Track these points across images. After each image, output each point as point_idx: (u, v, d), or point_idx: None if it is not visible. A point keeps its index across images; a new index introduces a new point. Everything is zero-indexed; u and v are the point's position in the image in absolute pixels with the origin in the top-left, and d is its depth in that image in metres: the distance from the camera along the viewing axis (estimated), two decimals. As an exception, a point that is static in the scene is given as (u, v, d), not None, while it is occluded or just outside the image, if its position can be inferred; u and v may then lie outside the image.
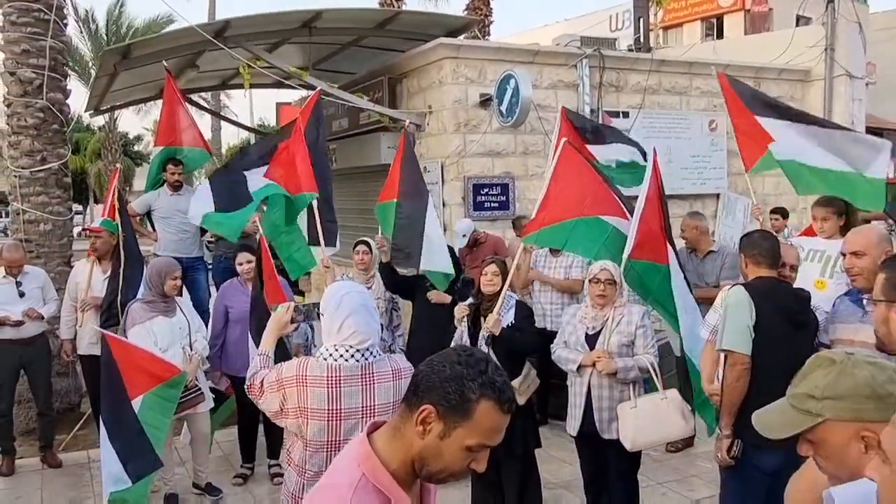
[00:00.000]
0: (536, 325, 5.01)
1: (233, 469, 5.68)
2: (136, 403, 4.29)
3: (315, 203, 5.41)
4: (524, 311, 4.58)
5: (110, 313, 5.49)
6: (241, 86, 8.96)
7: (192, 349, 4.92)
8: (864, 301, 3.35)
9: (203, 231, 7.32)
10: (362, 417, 2.70)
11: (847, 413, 1.50)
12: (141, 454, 4.37)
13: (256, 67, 7.88)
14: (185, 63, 9.01)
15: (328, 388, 2.68)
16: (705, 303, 4.60)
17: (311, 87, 7.19)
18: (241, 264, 5.51)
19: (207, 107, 17.24)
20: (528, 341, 4.46)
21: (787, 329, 3.33)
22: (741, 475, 3.41)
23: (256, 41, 8.14)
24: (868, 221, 4.96)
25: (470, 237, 7.03)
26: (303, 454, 2.73)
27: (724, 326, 3.44)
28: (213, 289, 7.11)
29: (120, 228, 5.74)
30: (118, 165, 7.34)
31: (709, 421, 4.16)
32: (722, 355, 3.52)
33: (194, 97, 10.23)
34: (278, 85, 9.77)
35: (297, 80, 7.99)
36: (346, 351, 2.71)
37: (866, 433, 1.47)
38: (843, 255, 3.47)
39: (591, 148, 5.89)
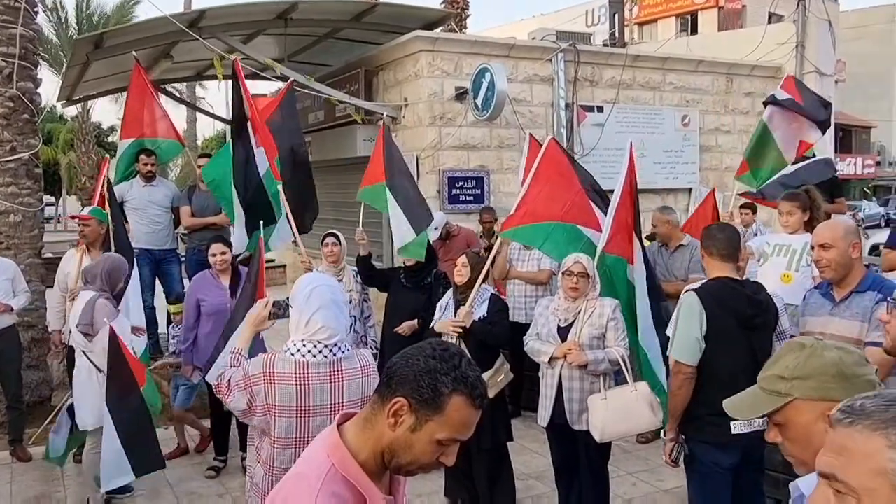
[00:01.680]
0: (511, 318, 5.06)
1: (206, 462, 5.67)
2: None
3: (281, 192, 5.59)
4: (498, 305, 4.62)
5: None
6: (216, 77, 8.89)
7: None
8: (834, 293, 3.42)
9: (177, 223, 7.27)
10: (331, 414, 2.65)
11: (814, 392, 1.54)
12: (148, 446, 4.39)
13: (230, 59, 7.83)
14: (159, 53, 8.93)
15: (296, 384, 2.63)
16: (673, 297, 4.67)
17: (287, 80, 7.17)
18: (213, 255, 5.45)
19: (182, 98, 17.06)
20: (500, 334, 4.50)
21: (740, 333, 3.37)
22: (700, 471, 3.48)
23: (231, 32, 8.09)
24: (829, 216, 5.05)
25: (442, 230, 7.06)
26: (271, 451, 2.68)
27: (673, 333, 3.50)
28: (186, 281, 7.07)
29: (109, 218, 5.68)
30: (107, 155, 7.23)
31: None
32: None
33: (168, 88, 10.11)
34: (254, 77, 9.70)
35: (273, 72, 7.95)
36: (315, 346, 2.66)
37: (831, 412, 1.53)
38: (813, 247, 3.54)
39: None
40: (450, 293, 4.73)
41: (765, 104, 6.34)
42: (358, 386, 2.72)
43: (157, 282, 7.46)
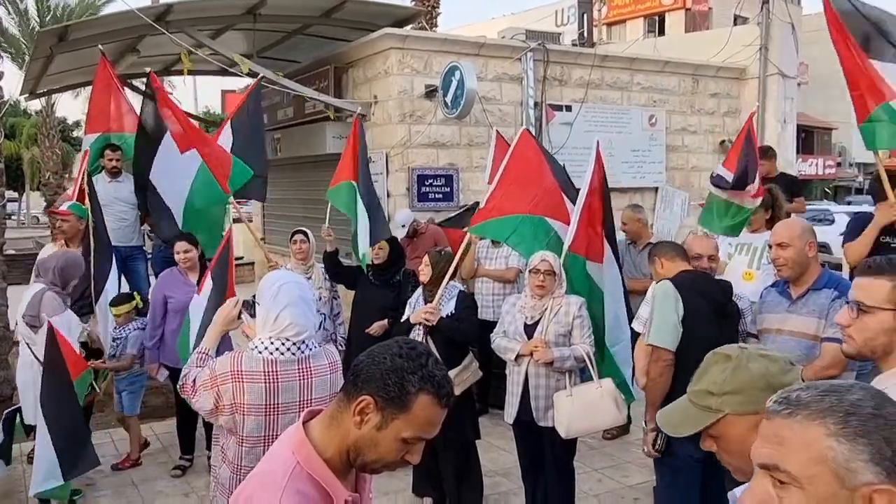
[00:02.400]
0: (479, 315, 5.09)
1: (172, 461, 5.63)
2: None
3: None
4: (466, 302, 4.65)
5: (83, 301, 5.36)
6: (182, 72, 8.79)
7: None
8: (791, 291, 3.51)
9: (143, 219, 7.18)
10: (299, 411, 2.57)
11: (745, 406, 1.55)
12: (79, 446, 4.31)
13: (198, 54, 7.76)
14: (126, 47, 8.79)
15: (265, 382, 2.61)
16: (640, 294, 4.74)
17: (256, 76, 7.12)
18: (178, 253, 5.41)
19: (149, 93, 16.83)
20: (467, 331, 4.53)
21: (713, 320, 3.46)
22: (673, 464, 3.53)
23: (199, 27, 8.00)
24: (789, 215, 5.16)
25: (410, 227, 7.07)
26: (238, 450, 2.65)
27: (650, 321, 3.56)
28: (152, 279, 7.00)
29: (90, 214, 5.59)
30: (87, 149, 7.07)
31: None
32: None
33: (136, 83, 9.96)
34: (222, 72, 9.62)
35: (241, 68, 7.89)
36: (283, 344, 2.64)
37: (767, 404, 1.57)
38: (771, 246, 3.62)
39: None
40: (420, 290, 4.76)
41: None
42: (326, 383, 2.72)
43: (124, 279, 7.37)
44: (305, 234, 5.88)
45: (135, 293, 5.92)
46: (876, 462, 1.03)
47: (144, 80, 6.97)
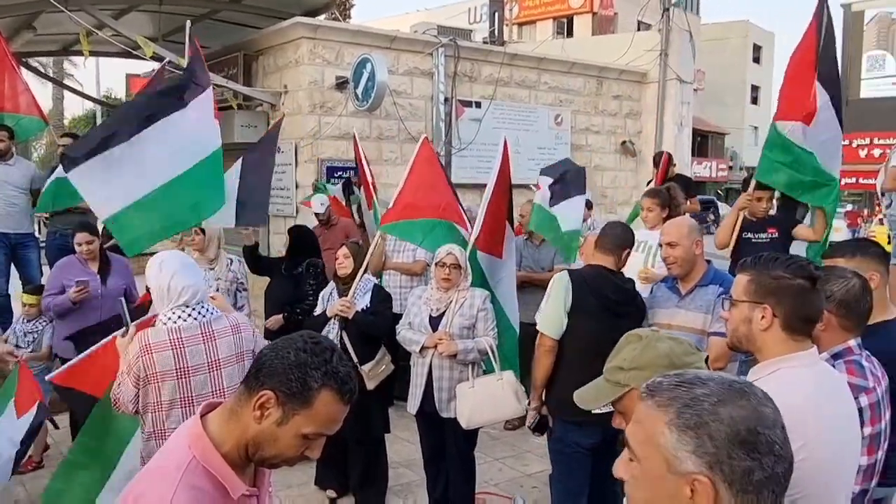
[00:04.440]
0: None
1: (62, 455, 5.42)
2: None
3: None
4: (381, 296, 4.69)
5: None
6: (82, 53, 8.41)
7: None
8: (679, 287, 3.71)
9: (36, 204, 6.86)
10: (209, 371, 2.92)
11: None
12: None
13: (99, 34, 7.46)
14: (21, 23, 8.36)
15: (172, 349, 2.84)
16: (541, 287, 4.89)
17: (160, 60, 6.90)
18: (80, 245, 5.19)
19: (47, 73, 16.01)
20: (382, 325, 4.56)
21: (602, 315, 3.56)
22: (564, 451, 3.67)
23: (101, 5, 7.70)
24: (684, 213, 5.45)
25: (326, 211, 7.00)
26: (157, 417, 2.89)
27: (542, 307, 3.72)
28: (45, 268, 6.68)
29: None
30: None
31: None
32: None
33: (32, 62, 9.46)
34: (126, 55, 9.26)
35: (144, 51, 7.63)
36: (184, 311, 2.88)
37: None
38: (661, 245, 3.82)
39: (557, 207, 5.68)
40: (332, 284, 4.76)
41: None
42: (230, 343, 2.97)
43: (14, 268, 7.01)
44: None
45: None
46: (699, 455, 1.14)
47: (43, 59, 6.57)
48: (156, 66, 7.50)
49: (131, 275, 5.54)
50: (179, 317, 2.88)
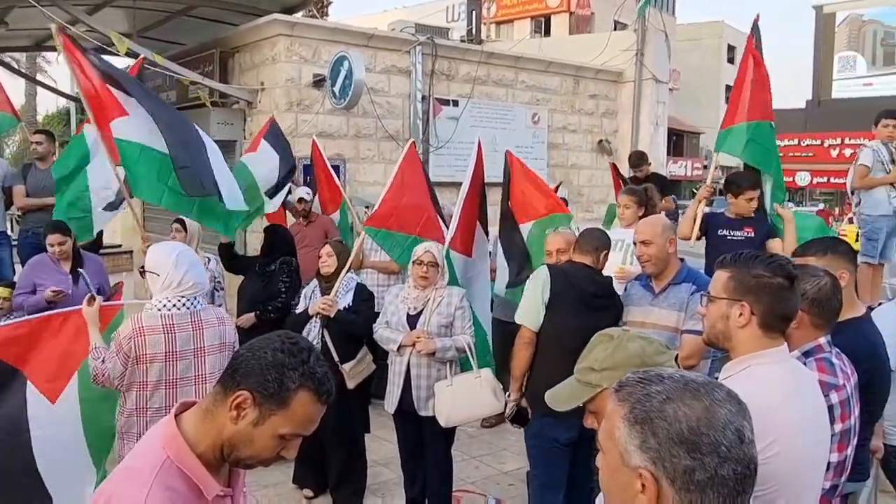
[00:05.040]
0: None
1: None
2: None
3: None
4: (363, 295, 4.68)
5: None
6: (55, 49, 8.30)
7: None
8: (653, 285, 3.75)
9: (8, 203, 6.77)
10: (195, 357, 3.16)
11: None
12: None
13: (72, 30, 7.35)
14: (-10, 18, 8.25)
15: (164, 334, 3.08)
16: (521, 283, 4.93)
17: (135, 56, 6.83)
18: (52, 245, 5.12)
19: (20, 69, 15.75)
20: (364, 324, 4.54)
21: (580, 309, 3.60)
22: (542, 447, 3.70)
23: (74, 1, 7.60)
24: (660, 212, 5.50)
25: (310, 203, 6.95)
26: (140, 396, 3.09)
27: (521, 301, 3.76)
28: (18, 266, 6.59)
29: None
30: None
31: None
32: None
33: (4, 57, 9.31)
34: (100, 51, 9.15)
35: (119, 47, 7.54)
36: (179, 300, 3.12)
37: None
38: (635, 243, 3.85)
39: None
40: (314, 282, 4.74)
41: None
42: (216, 333, 3.22)
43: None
44: (183, 222, 5.72)
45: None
46: (643, 450, 1.18)
47: (15, 54, 6.47)
48: (130, 62, 7.44)
49: (105, 273, 5.50)
50: (174, 305, 3.11)
